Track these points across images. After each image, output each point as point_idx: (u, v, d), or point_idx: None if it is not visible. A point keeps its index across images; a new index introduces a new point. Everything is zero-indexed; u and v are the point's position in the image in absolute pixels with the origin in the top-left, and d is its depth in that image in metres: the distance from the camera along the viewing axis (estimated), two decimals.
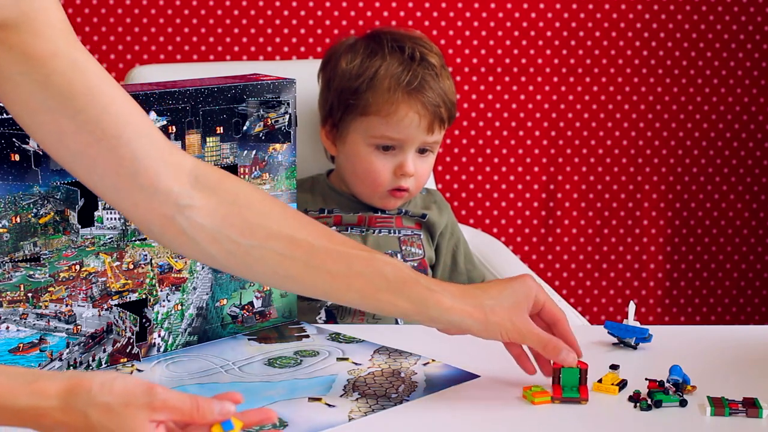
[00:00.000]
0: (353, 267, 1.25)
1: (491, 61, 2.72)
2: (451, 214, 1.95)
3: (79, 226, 1.34)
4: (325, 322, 1.76)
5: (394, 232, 1.86)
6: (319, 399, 1.28)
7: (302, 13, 2.64)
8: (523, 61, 2.72)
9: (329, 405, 1.27)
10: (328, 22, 2.65)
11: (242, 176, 1.50)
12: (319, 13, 2.65)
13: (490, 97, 2.73)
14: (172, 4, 2.60)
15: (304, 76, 1.82)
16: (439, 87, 1.81)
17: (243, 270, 1.26)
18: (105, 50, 2.59)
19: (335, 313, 1.78)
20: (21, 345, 1.31)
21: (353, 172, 1.85)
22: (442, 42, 2.67)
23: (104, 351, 1.38)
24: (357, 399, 1.28)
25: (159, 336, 1.44)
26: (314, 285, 1.26)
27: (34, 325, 1.32)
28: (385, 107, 1.79)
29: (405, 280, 1.26)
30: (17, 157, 1.28)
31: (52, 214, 1.32)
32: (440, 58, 1.85)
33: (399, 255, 1.84)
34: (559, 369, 1.28)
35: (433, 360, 1.41)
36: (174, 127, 1.42)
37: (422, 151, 1.84)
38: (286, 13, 2.64)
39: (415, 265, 1.85)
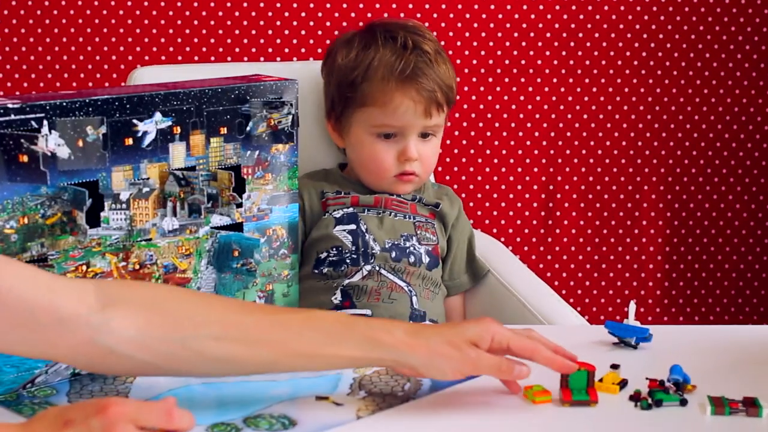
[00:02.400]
0: (291, 330, 1.21)
1: (491, 62, 2.72)
2: (461, 209, 1.98)
3: (87, 227, 1.35)
4: (341, 303, 1.77)
5: (410, 218, 1.88)
6: (326, 398, 1.28)
7: (303, 14, 2.65)
8: (523, 62, 2.73)
9: (337, 404, 1.27)
10: (328, 24, 2.66)
11: (245, 177, 1.51)
12: (320, 14, 2.66)
13: (489, 98, 2.74)
14: (173, 6, 2.61)
15: (305, 77, 1.84)
16: (433, 72, 1.83)
17: (186, 367, 1.20)
18: (107, 51, 2.60)
19: (351, 293, 1.80)
20: None
21: (360, 162, 1.88)
22: (443, 43, 2.67)
23: None
24: (364, 397, 1.29)
25: None
26: (258, 358, 1.20)
27: None
28: (381, 97, 1.82)
29: (345, 326, 1.23)
30: (25, 158, 1.28)
31: (60, 214, 1.32)
32: (435, 44, 1.87)
33: (414, 238, 1.86)
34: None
35: None
36: (179, 128, 1.43)
37: (425, 135, 1.86)
38: (286, 14, 2.65)
39: (430, 249, 1.87)
